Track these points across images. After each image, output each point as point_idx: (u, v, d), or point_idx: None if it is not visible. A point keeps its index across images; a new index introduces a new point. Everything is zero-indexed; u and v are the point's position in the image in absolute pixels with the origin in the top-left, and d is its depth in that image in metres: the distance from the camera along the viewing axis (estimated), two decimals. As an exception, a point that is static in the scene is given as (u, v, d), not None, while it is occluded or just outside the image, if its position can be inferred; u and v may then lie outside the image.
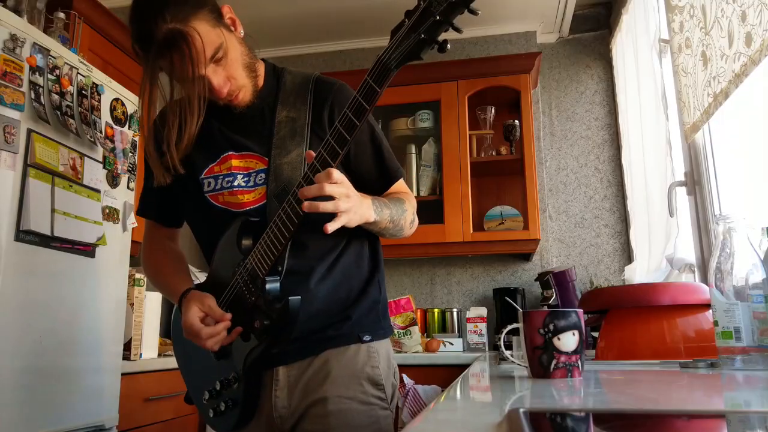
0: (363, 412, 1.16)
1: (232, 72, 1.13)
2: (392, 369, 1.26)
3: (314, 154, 1.03)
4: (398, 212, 1.21)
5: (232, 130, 1.23)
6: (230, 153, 1.22)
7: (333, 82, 1.25)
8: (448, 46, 0.89)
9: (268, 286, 1.11)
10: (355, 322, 1.22)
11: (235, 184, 1.20)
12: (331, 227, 1.00)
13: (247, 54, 1.18)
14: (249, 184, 1.20)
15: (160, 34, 1.03)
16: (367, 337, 1.21)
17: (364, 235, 1.27)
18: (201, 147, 1.21)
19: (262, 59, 1.27)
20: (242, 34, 1.18)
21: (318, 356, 1.19)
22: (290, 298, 1.07)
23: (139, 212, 1.39)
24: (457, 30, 0.88)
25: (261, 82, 1.24)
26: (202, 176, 1.24)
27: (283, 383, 1.18)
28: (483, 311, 2.83)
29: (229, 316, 1.13)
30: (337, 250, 1.23)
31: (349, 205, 1.02)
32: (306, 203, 1.00)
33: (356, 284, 1.25)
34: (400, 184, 1.29)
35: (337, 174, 1.00)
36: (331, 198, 1.00)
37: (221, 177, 1.22)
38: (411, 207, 1.27)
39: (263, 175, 1.19)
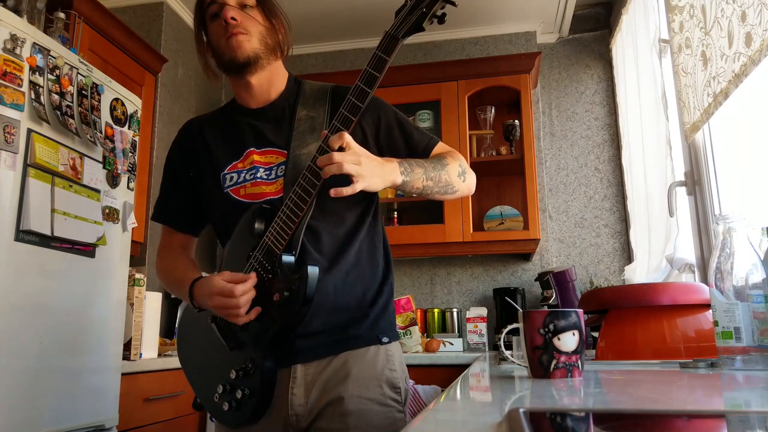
0: (381, 413, 1.17)
1: (248, 21, 1.23)
2: (405, 372, 1.28)
3: (327, 132, 1.12)
4: (437, 168, 1.23)
5: (255, 126, 1.30)
6: (252, 149, 1.27)
7: (348, 87, 1.32)
8: (446, 18, 1.05)
9: (284, 258, 1.13)
10: (373, 321, 1.23)
11: (258, 176, 1.25)
12: (347, 191, 1.06)
13: (271, 38, 1.27)
14: (270, 177, 1.25)
15: None
16: (385, 339, 1.24)
17: (377, 235, 1.31)
18: (226, 143, 1.30)
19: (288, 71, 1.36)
20: (284, 40, 1.30)
21: (337, 356, 1.19)
22: (309, 265, 1.10)
23: (155, 217, 1.42)
24: (453, 3, 1.04)
25: (282, 85, 1.32)
26: (225, 172, 1.28)
27: (300, 381, 1.18)
28: (483, 311, 2.83)
29: (253, 274, 1.13)
30: (354, 245, 1.25)
31: (358, 167, 1.06)
32: (324, 167, 1.06)
33: (373, 282, 1.27)
34: (440, 147, 1.32)
35: (348, 137, 1.07)
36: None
37: (244, 171, 1.27)
38: (454, 161, 1.28)
39: (283, 168, 1.24)
